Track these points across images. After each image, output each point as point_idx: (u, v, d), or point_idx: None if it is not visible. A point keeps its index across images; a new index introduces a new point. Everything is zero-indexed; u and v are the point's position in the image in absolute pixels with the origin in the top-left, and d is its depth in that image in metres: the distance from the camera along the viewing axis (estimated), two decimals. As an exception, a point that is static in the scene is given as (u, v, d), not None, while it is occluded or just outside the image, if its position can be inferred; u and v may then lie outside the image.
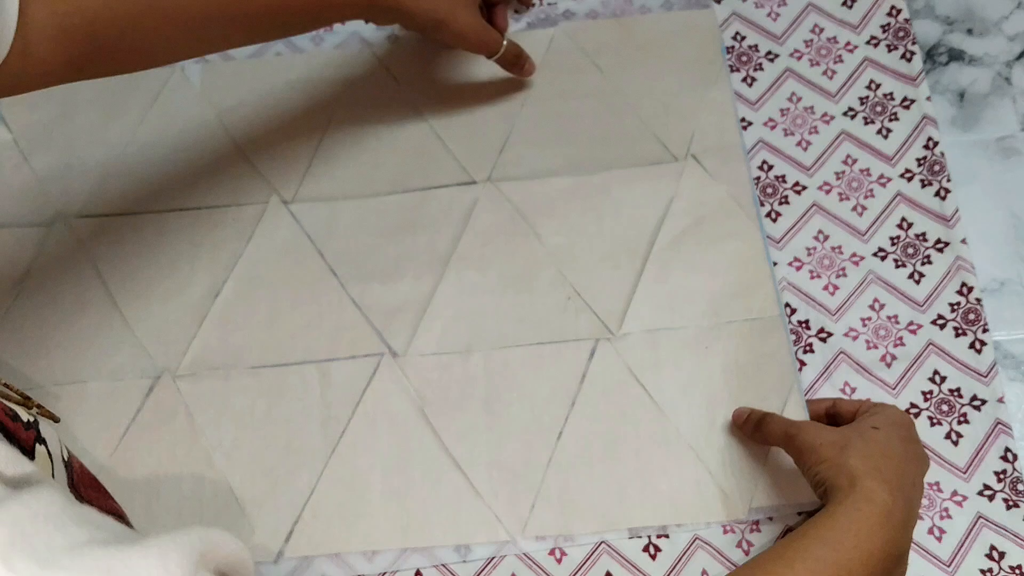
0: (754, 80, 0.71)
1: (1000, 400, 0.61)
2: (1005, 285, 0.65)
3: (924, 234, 0.65)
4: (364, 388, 0.63)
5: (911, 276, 0.65)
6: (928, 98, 0.68)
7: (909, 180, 0.67)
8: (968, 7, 0.72)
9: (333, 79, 0.72)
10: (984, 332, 0.63)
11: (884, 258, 0.65)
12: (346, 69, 0.72)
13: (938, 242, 0.65)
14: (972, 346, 0.63)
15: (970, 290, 0.64)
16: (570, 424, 0.61)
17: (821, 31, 0.71)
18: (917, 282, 0.64)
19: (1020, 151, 0.68)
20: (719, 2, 0.73)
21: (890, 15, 0.71)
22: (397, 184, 0.68)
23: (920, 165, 0.67)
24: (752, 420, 0.59)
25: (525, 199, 0.67)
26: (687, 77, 0.70)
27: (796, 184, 0.68)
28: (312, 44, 0.73)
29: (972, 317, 0.63)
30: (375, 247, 0.67)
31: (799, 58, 0.71)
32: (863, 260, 0.65)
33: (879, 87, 0.69)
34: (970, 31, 0.71)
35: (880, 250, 0.65)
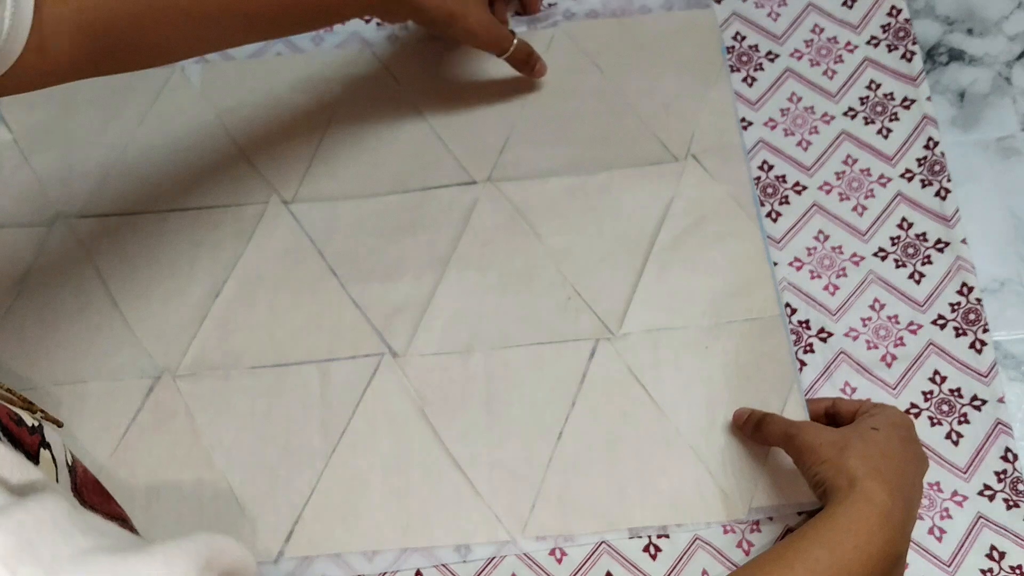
0: (754, 80, 0.71)
1: (1000, 400, 0.61)
2: (1005, 285, 0.65)
3: (924, 234, 0.65)
4: (364, 388, 0.63)
5: (911, 276, 0.65)
6: (928, 98, 0.68)
7: (909, 180, 0.67)
8: (968, 7, 0.72)
9: (333, 79, 0.72)
10: (984, 332, 0.63)
11: (884, 258, 0.65)
12: (346, 69, 0.72)
13: (938, 242, 0.65)
14: (972, 346, 0.63)
15: (970, 290, 0.64)
16: (570, 424, 0.61)
17: (821, 31, 0.71)
18: (917, 282, 0.64)
19: (1020, 151, 0.68)
20: (719, 2, 0.73)
21: (890, 15, 0.71)
22: (397, 184, 0.68)
23: (920, 165, 0.67)
24: (752, 420, 0.59)
25: (525, 199, 0.67)
26: (687, 77, 0.70)
27: (796, 184, 0.68)
28: (312, 44, 0.73)
29: (972, 317, 0.63)
30: (375, 247, 0.67)
31: (799, 58, 0.71)
32: (863, 260, 0.65)
33: (879, 87, 0.69)
34: (970, 31, 0.71)
35: (880, 250, 0.65)
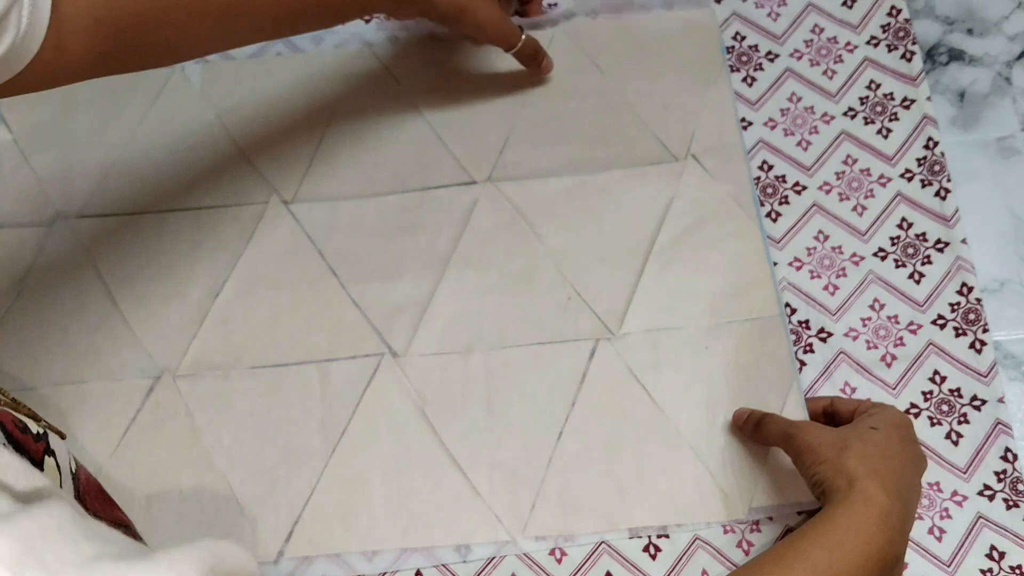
0: (754, 80, 0.71)
1: (1000, 400, 0.61)
2: (1005, 285, 0.65)
3: (924, 234, 0.65)
4: (364, 388, 0.63)
5: (911, 276, 0.65)
6: (928, 98, 0.68)
7: (909, 180, 0.67)
8: (968, 7, 0.72)
9: (333, 79, 0.72)
10: (984, 332, 0.63)
11: (884, 258, 0.65)
12: (346, 69, 0.72)
13: (938, 242, 0.65)
14: (972, 346, 0.63)
15: (970, 290, 0.64)
16: (570, 424, 0.61)
17: (821, 31, 0.71)
18: (917, 282, 0.64)
19: (1020, 151, 0.68)
20: (719, 2, 0.73)
21: (890, 15, 0.71)
22: (397, 184, 0.68)
23: (920, 165, 0.67)
24: (752, 420, 0.59)
25: (525, 199, 0.67)
26: (687, 77, 0.70)
27: (796, 184, 0.68)
28: (312, 44, 0.73)
29: (972, 317, 0.63)
30: (375, 247, 0.67)
31: (799, 58, 0.71)
32: (863, 260, 0.65)
33: (879, 87, 0.69)
34: (970, 31, 0.71)
35: (880, 250, 0.65)
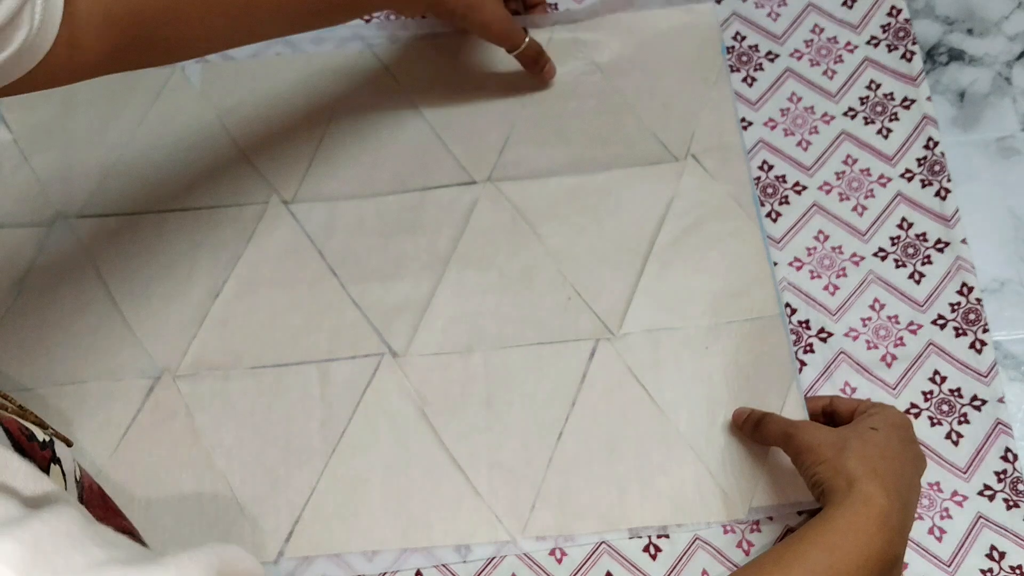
0: (754, 80, 0.71)
1: (1000, 400, 0.61)
2: (1005, 285, 0.65)
3: (924, 234, 0.65)
4: (364, 388, 0.63)
5: (911, 276, 0.65)
6: (928, 98, 0.68)
7: (909, 180, 0.67)
8: (968, 7, 0.72)
9: (333, 79, 0.72)
10: (984, 332, 0.63)
11: (884, 258, 0.65)
12: (346, 69, 0.72)
13: (938, 242, 0.65)
14: (972, 346, 0.63)
15: (970, 290, 0.64)
16: (570, 424, 0.61)
17: (821, 31, 0.71)
18: (917, 282, 0.64)
19: (1020, 151, 0.68)
20: (719, 2, 0.73)
21: (890, 15, 0.71)
22: (397, 184, 0.68)
23: (920, 165, 0.67)
24: (752, 420, 0.59)
25: (525, 199, 0.67)
26: (687, 77, 0.70)
27: (796, 184, 0.68)
28: (312, 44, 0.73)
29: (972, 317, 0.63)
30: (375, 247, 0.67)
31: (799, 58, 0.71)
32: (863, 260, 0.65)
33: (879, 87, 0.69)
34: (970, 31, 0.71)
35: (880, 250, 0.65)
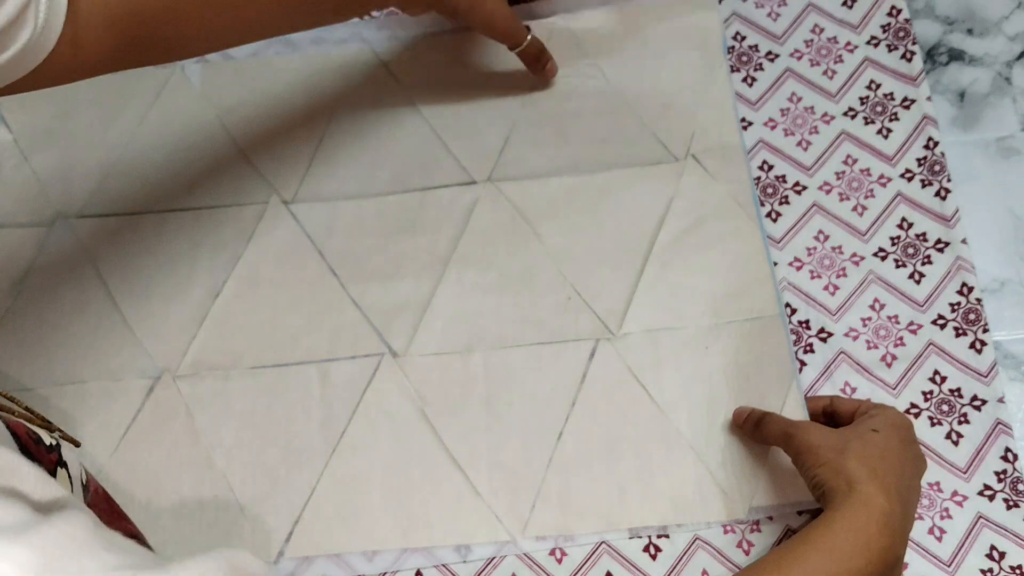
0: (754, 80, 0.71)
1: (1000, 400, 0.61)
2: (1005, 285, 0.65)
3: (924, 234, 0.65)
4: (364, 388, 0.63)
5: (911, 276, 0.65)
6: (928, 98, 0.68)
7: (909, 180, 0.67)
8: (968, 7, 0.72)
9: (333, 79, 0.72)
10: (984, 332, 0.63)
11: (884, 258, 0.65)
12: (346, 69, 0.72)
13: (938, 242, 0.65)
14: (972, 346, 0.63)
15: (970, 290, 0.64)
16: (570, 424, 0.61)
17: (821, 31, 0.71)
18: (917, 282, 0.64)
19: (1020, 151, 0.68)
20: (719, 2, 0.73)
21: (890, 15, 0.71)
22: (397, 184, 0.68)
23: (920, 165, 0.67)
24: (752, 419, 0.59)
25: (525, 199, 0.67)
26: (687, 77, 0.70)
27: (796, 184, 0.68)
28: (312, 44, 0.73)
29: (972, 317, 0.63)
30: (375, 247, 0.67)
31: (799, 58, 0.71)
32: (863, 260, 0.65)
33: (879, 87, 0.69)
34: (970, 31, 0.71)
35: (880, 250, 0.65)
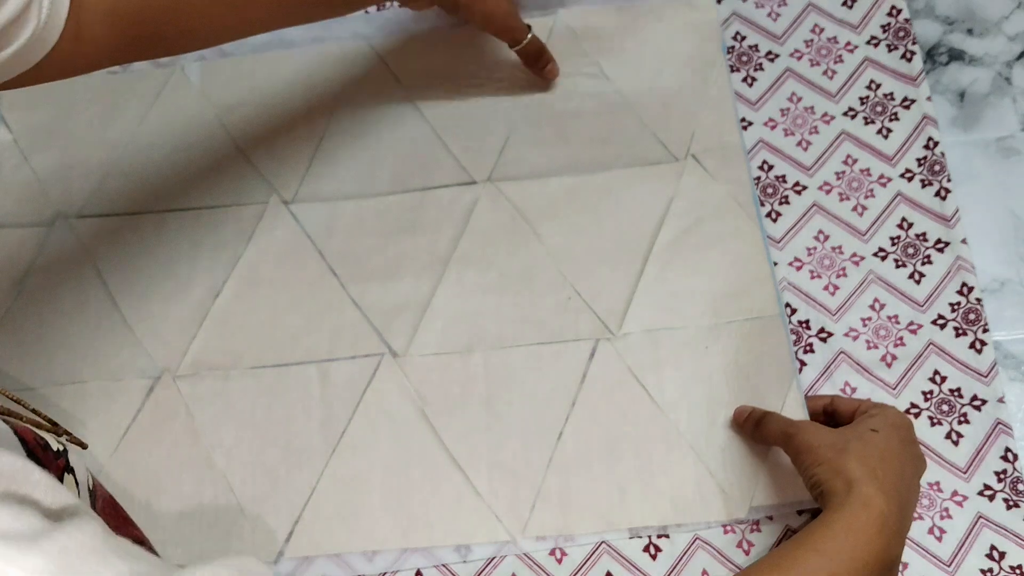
0: (754, 80, 0.71)
1: (1000, 400, 0.61)
2: (1005, 285, 0.65)
3: (924, 234, 0.65)
4: (364, 388, 0.63)
5: (911, 276, 0.65)
6: (928, 98, 0.68)
7: (909, 180, 0.67)
8: (968, 7, 0.72)
9: (333, 78, 0.72)
10: (984, 332, 0.63)
11: (884, 258, 0.65)
12: (346, 68, 0.72)
13: (938, 242, 0.65)
14: (972, 346, 0.63)
15: (970, 290, 0.64)
16: (570, 424, 0.61)
17: (821, 31, 0.71)
18: (917, 282, 0.64)
19: (1020, 151, 0.68)
20: (719, 2, 0.73)
21: (890, 15, 0.71)
22: (397, 184, 0.68)
23: (920, 165, 0.67)
24: (753, 419, 0.59)
25: (525, 199, 0.67)
26: (687, 77, 0.70)
27: (796, 184, 0.68)
28: (312, 42, 0.73)
29: (972, 317, 0.63)
30: (375, 247, 0.67)
31: (799, 58, 0.71)
32: (863, 260, 0.65)
33: (879, 87, 0.69)
34: (970, 31, 0.71)
35: (880, 250, 0.65)
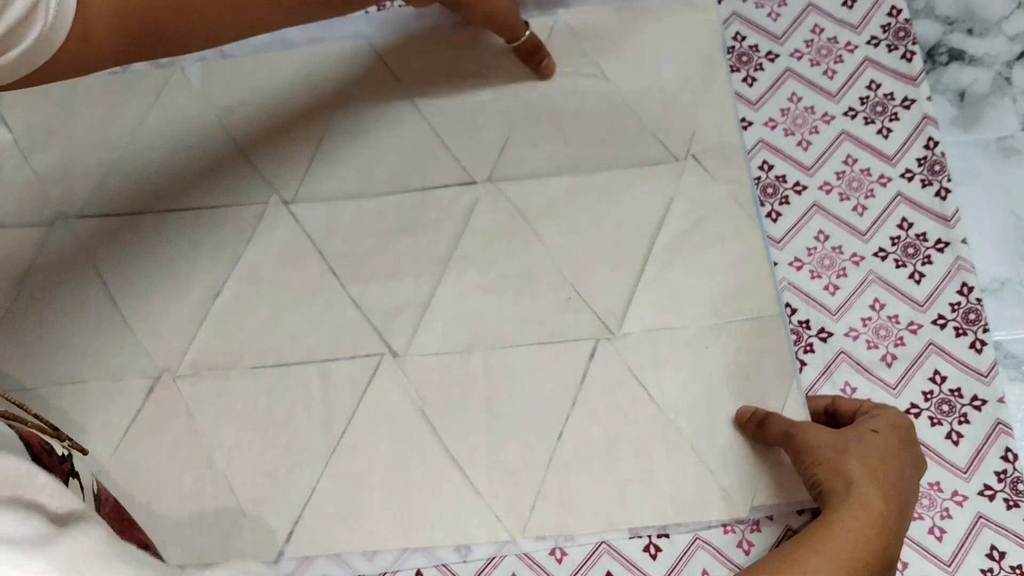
0: (754, 80, 0.71)
1: (1000, 400, 0.61)
2: (1005, 285, 0.65)
3: (924, 234, 0.65)
4: (364, 388, 0.63)
5: (911, 276, 0.65)
6: (928, 98, 0.68)
7: (909, 180, 0.67)
8: (968, 7, 0.72)
9: (333, 78, 0.72)
10: (984, 332, 0.63)
11: (884, 258, 0.65)
12: (346, 68, 0.72)
13: (938, 242, 0.65)
14: (972, 346, 0.63)
15: (970, 290, 0.64)
16: (570, 424, 0.61)
17: (821, 31, 0.71)
18: (917, 282, 0.64)
19: (1020, 151, 0.68)
20: (719, 2, 0.73)
21: (890, 15, 0.71)
22: (397, 184, 0.68)
23: (920, 165, 0.67)
24: (755, 419, 0.59)
25: (525, 199, 0.67)
26: (687, 77, 0.70)
27: (796, 184, 0.68)
28: (312, 42, 0.73)
29: (972, 317, 0.63)
30: (375, 247, 0.67)
31: (799, 58, 0.71)
32: (863, 260, 0.65)
33: (879, 87, 0.69)
34: (970, 31, 0.71)
35: (880, 250, 0.65)
